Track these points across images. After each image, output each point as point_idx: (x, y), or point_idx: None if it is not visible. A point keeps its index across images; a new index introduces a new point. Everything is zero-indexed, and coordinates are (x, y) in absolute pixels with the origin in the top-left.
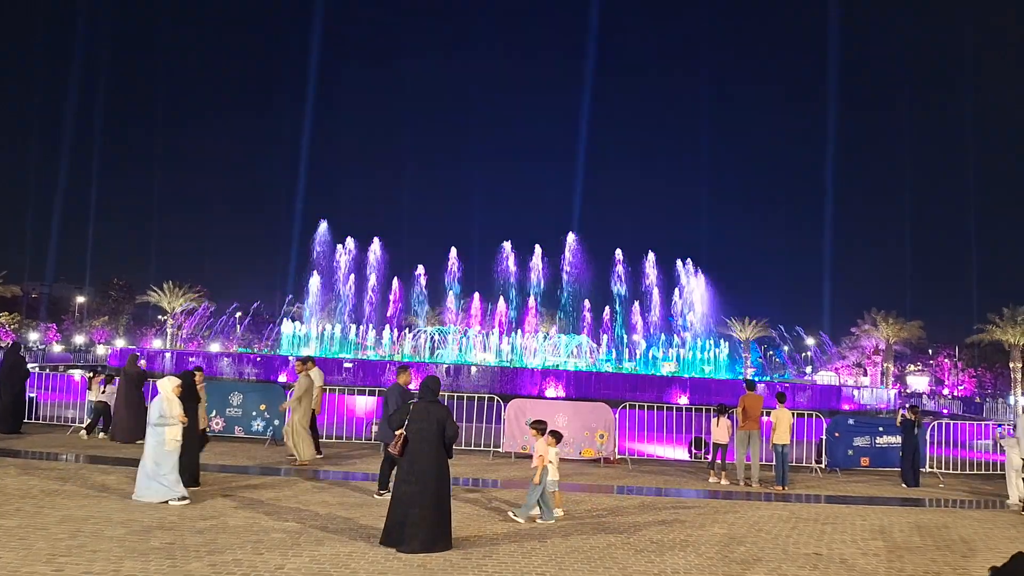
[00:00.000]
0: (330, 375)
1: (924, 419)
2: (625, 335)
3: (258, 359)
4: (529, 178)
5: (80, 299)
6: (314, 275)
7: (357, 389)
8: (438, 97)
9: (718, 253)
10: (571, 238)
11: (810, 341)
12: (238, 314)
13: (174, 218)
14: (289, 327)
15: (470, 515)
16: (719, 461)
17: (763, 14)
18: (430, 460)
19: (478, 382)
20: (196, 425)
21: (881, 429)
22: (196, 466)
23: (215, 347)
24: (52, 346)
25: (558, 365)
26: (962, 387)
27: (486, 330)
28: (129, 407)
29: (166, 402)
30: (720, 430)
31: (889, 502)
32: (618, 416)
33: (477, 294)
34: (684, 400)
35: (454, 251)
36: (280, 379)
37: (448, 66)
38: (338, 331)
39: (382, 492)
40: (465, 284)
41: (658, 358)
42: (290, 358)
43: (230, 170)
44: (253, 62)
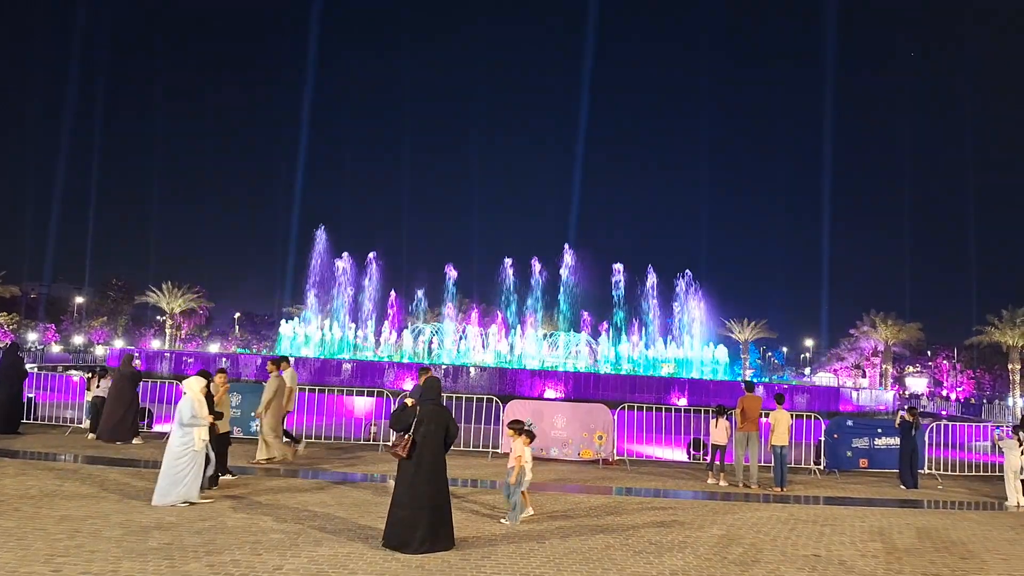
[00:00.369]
0: (330, 376)
1: (923, 421)
2: (625, 336)
3: (258, 361)
4: (529, 180)
5: (79, 299)
6: (313, 276)
7: (356, 390)
8: (438, 99)
9: (717, 254)
10: (569, 255)
11: (809, 343)
12: (237, 315)
13: (173, 218)
14: (288, 329)
15: (469, 516)
16: (717, 462)
17: (760, 19)
18: (434, 462)
19: (477, 383)
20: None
21: (880, 431)
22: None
23: (214, 348)
24: (51, 346)
25: (556, 367)
26: (961, 389)
27: (485, 329)
28: (120, 406)
29: (196, 403)
30: (719, 431)
31: (888, 504)
32: (617, 417)
33: (475, 308)
34: (683, 401)
35: (451, 269)
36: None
37: (448, 65)
38: (337, 332)
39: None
40: (464, 290)
41: (657, 359)
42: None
43: (229, 170)
44: (253, 63)
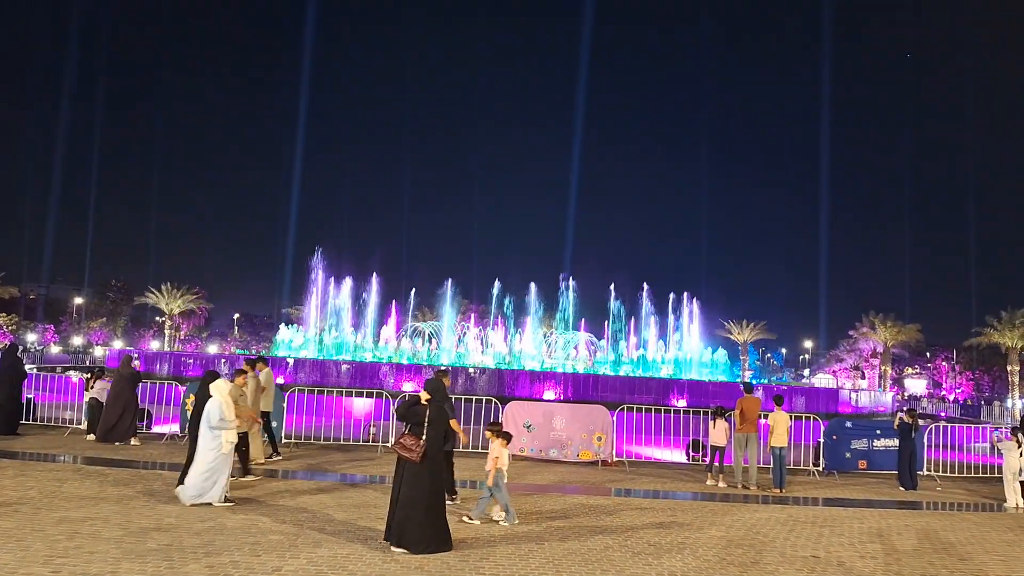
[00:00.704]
0: (329, 377)
1: (921, 422)
2: (625, 341)
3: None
4: (528, 181)
5: (78, 300)
6: (313, 279)
7: (355, 391)
8: (438, 102)
9: (717, 255)
10: (570, 283)
11: (808, 344)
12: (236, 316)
13: (172, 219)
14: (286, 333)
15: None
16: (716, 464)
17: (758, 20)
18: (436, 462)
19: (476, 384)
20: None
21: (879, 432)
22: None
23: (213, 348)
24: (50, 347)
25: (554, 368)
26: (960, 390)
27: (484, 330)
28: (118, 407)
29: (226, 405)
30: (718, 432)
31: (887, 505)
32: (616, 418)
33: (473, 314)
34: (682, 403)
35: (449, 283)
36: (279, 380)
37: (447, 70)
38: (335, 334)
39: (453, 498)
40: (464, 292)
41: (656, 360)
42: (292, 357)
43: (229, 171)
44: (253, 63)
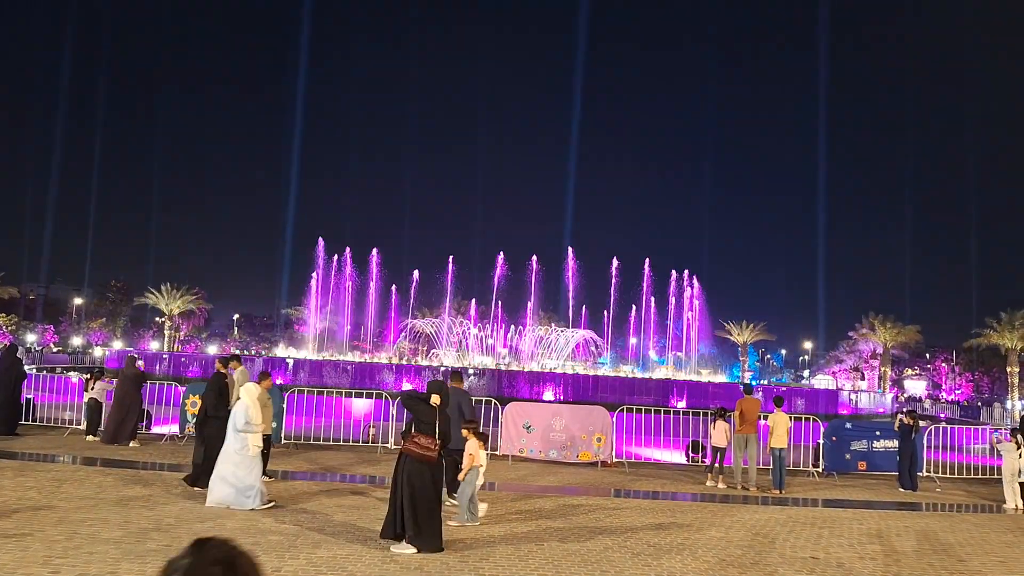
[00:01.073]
0: (328, 378)
1: (922, 423)
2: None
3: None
4: (528, 179)
5: (78, 300)
6: (313, 279)
7: (355, 391)
8: (436, 97)
9: (716, 256)
10: (569, 255)
11: (807, 345)
12: (235, 316)
13: (172, 219)
14: (286, 350)
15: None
16: (716, 465)
17: (761, 16)
18: (438, 463)
19: (476, 385)
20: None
21: (878, 433)
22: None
23: (212, 349)
24: (49, 347)
25: (555, 368)
26: (959, 391)
27: (484, 332)
28: (122, 409)
29: (253, 408)
30: (718, 433)
31: (886, 506)
32: (615, 419)
33: (474, 300)
34: (681, 404)
35: (451, 260)
36: (277, 381)
37: (446, 63)
38: (335, 334)
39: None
40: (464, 288)
41: (657, 360)
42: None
43: (229, 171)
44: (253, 64)
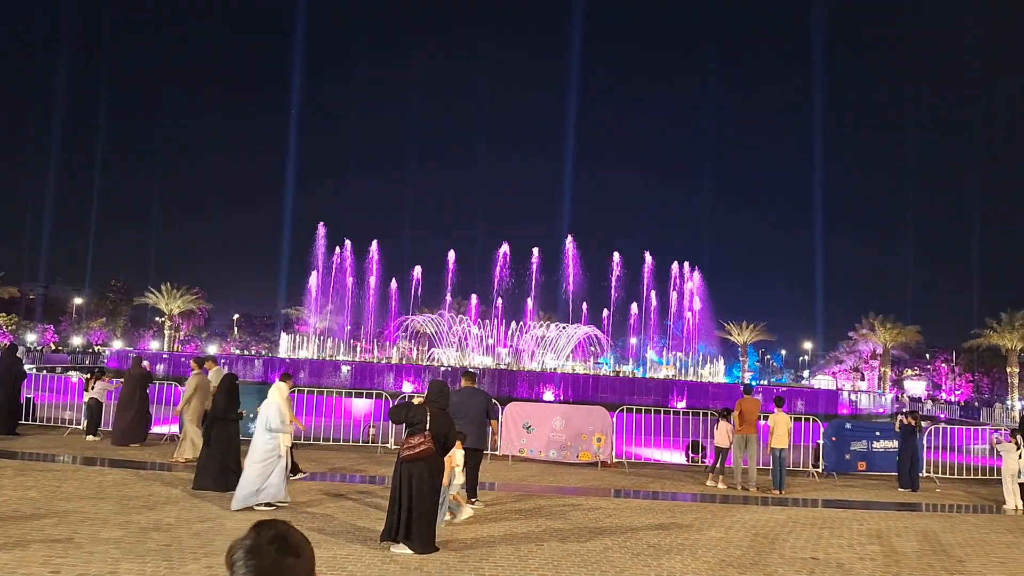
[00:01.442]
0: (329, 377)
1: (922, 423)
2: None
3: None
4: (527, 180)
5: (78, 300)
6: (313, 278)
7: (355, 392)
8: (434, 97)
9: (716, 257)
10: (569, 242)
11: (807, 345)
12: (235, 316)
13: (172, 219)
14: (287, 341)
15: (467, 518)
16: (718, 465)
17: (761, 14)
18: (438, 463)
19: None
20: (237, 427)
21: (878, 434)
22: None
23: (212, 349)
24: (50, 347)
25: (555, 368)
26: (959, 392)
27: (483, 331)
28: (130, 410)
29: (285, 407)
30: (721, 434)
31: (886, 507)
32: (615, 419)
33: (474, 296)
34: (682, 404)
35: (452, 255)
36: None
37: (444, 58)
38: (335, 335)
39: (473, 500)
40: (464, 286)
41: (658, 361)
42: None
43: (229, 171)
44: (253, 64)
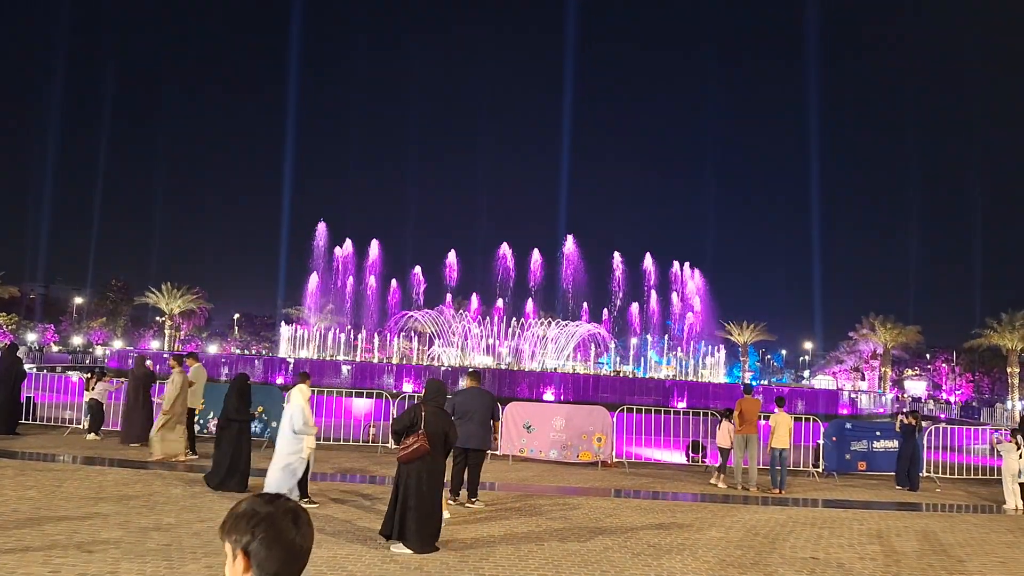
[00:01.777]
0: (328, 377)
1: (923, 423)
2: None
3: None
4: (527, 179)
5: (78, 300)
6: (312, 276)
7: (355, 391)
8: (434, 96)
9: (716, 257)
10: (569, 241)
11: (808, 345)
12: (236, 316)
13: (173, 219)
14: (287, 332)
15: (467, 518)
16: (718, 465)
17: (761, 14)
18: (439, 463)
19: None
20: (248, 428)
21: (878, 434)
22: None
23: (213, 348)
24: (50, 347)
25: (556, 368)
26: (959, 392)
27: (484, 330)
28: (136, 410)
29: (308, 409)
30: (723, 434)
31: (886, 506)
32: (616, 419)
33: (475, 295)
34: (682, 404)
35: (452, 254)
36: (278, 381)
37: (445, 67)
38: (336, 334)
39: (474, 500)
40: (464, 286)
41: (659, 361)
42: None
43: (229, 171)
44: (253, 64)
